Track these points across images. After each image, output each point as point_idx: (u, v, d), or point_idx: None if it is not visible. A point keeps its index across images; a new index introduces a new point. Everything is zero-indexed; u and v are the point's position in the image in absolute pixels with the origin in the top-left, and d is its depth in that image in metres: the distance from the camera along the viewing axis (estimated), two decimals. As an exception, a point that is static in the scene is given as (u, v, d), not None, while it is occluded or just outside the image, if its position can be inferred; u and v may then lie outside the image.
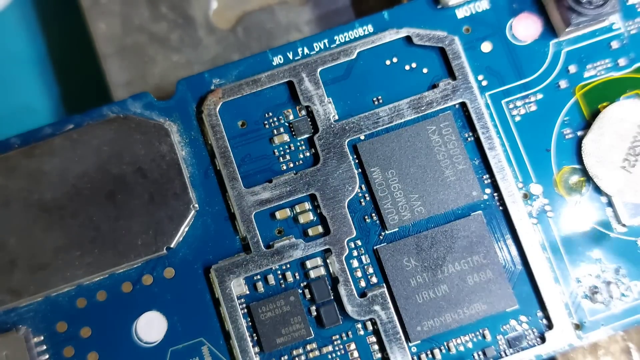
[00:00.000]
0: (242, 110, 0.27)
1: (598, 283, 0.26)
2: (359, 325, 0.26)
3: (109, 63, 0.32)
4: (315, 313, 0.26)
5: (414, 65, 0.27)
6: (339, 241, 0.26)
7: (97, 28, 0.32)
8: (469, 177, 0.27)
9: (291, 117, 0.27)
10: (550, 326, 0.26)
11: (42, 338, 0.26)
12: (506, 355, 0.26)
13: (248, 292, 0.26)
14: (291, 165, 0.27)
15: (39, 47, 0.35)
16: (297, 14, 0.33)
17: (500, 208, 0.27)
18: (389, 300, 0.26)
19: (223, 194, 0.27)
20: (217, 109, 0.27)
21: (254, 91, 0.27)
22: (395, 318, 0.26)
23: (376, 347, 0.26)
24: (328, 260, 0.26)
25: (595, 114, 0.27)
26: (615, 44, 0.27)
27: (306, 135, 0.27)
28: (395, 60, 0.27)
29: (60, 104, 0.35)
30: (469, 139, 0.27)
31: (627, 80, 0.27)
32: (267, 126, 0.27)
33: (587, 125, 0.27)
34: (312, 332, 0.26)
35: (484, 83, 0.27)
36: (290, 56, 0.27)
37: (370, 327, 0.26)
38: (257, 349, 0.26)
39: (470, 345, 0.26)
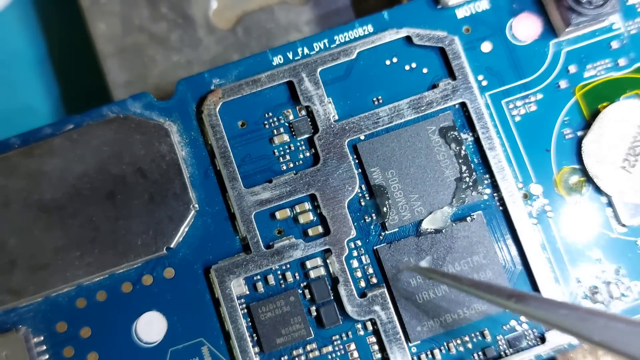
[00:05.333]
0: (242, 110, 0.27)
1: (598, 283, 0.26)
2: (359, 326, 0.26)
3: (109, 63, 0.32)
4: (315, 313, 0.26)
5: (414, 65, 0.27)
6: (339, 241, 0.26)
7: (97, 28, 0.32)
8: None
9: (291, 117, 0.27)
10: (550, 326, 0.26)
11: (42, 338, 0.26)
12: (506, 355, 0.26)
13: (248, 292, 0.26)
14: (291, 165, 0.27)
15: (39, 47, 0.35)
16: (297, 14, 0.33)
17: (500, 208, 0.27)
18: (389, 300, 0.26)
19: (223, 194, 0.27)
20: (217, 109, 0.27)
21: (254, 91, 0.27)
22: (395, 318, 0.26)
23: (376, 347, 0.26)
24: (328, 261, 0.26)
25: (595, 114, 0.27)
26: (615, 44, 0.27)
27: (306, 136, 0.27)
28: (395, 60, 0.27)
29: (60, 104, 0.35)
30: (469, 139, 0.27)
31: (627, 80, 0.27)
32: (267, 126, 0.27)
33: (587, 125, 0.27)
34: (312, 332, 0.26)
35: (484, 83, 0.27)
36: (290, 56, 0.27)
37: (370, 327, 0.26)
38: (257, 349, 0.26)
39: (470, 345, 0.26)
